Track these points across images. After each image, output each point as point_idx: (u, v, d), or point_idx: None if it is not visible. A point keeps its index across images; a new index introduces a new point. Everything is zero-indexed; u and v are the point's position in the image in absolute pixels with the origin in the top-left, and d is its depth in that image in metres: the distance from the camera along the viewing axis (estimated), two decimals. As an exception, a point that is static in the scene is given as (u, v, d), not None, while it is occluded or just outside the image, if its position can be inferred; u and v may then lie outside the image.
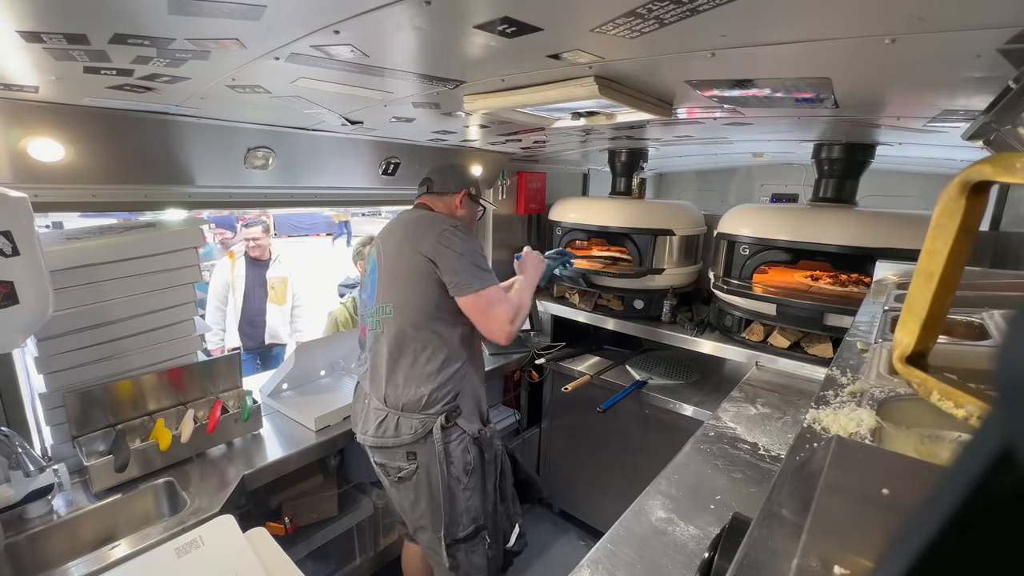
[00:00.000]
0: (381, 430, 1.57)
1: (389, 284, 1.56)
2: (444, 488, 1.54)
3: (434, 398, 1.53)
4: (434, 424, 1.52)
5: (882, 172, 2.49)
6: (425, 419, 1.53)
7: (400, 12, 0.78)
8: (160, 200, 1.71)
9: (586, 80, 1.12)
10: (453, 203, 1.70)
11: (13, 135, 1.31)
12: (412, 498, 1.60)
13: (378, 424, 1.57)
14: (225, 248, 3.51)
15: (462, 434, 1.57)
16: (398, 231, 1.61)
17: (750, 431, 1.55)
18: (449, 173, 1.74)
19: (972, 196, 0.53)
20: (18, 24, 0.81)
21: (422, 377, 1.53)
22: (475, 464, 1.59)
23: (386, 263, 1.59)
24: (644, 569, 1.02)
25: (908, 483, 0.42)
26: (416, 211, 1.69)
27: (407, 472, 1.57)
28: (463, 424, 1.57)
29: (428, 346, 1.53)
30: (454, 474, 1.56)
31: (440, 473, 1.53)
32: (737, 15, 0.75)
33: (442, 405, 1.54)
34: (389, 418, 1.55)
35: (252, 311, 3.28)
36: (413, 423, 1.53)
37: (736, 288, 2.08)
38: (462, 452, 1.57)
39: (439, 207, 1.70)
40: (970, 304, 1.00)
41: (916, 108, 1.28)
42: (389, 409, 1.56)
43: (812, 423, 0.63)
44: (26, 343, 1.41)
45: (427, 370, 1.53)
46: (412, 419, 1.53)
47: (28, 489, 1.30)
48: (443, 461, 1.53)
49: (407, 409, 1.54)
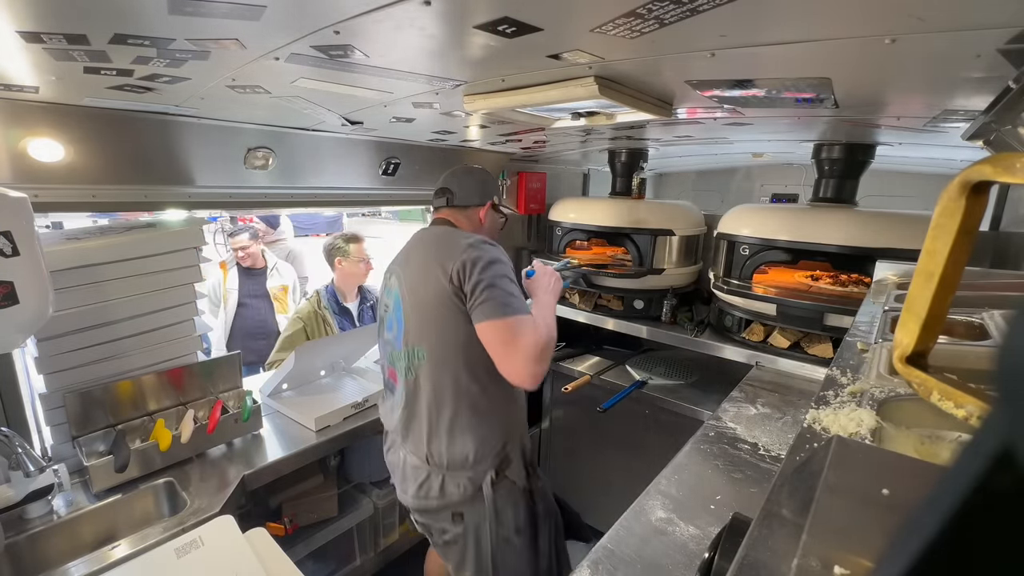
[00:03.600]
0: (423, 491, 1.38)
1: (418, 322, 1.34)
2: (493, 550, 1.37)
3: (483, 452, 1.34)
4: (484, 481, 1.33)
5: (882, 172, 2.49)
6: (474, 476, 1.34)
7: (400, 12, 0.78)
8: (160, 200, 1.70)
9: (586, 80, 1.12)
10: (477, 217, 1.51)
11: (13, 135, 1.31)
12: (458, 559, 1.43)
13: (419, 485, 1.38)
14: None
15: (512, 487, 1.38)
16: (419, 254, 1.40)
17: (750, 431, 1.55)
18: (470, 182, 1.53)
19: (972, 196, 0.53)
20: (18, 24, 0.81)
21: (470, 431, 1.33)
22: (527, 521, 1.40)
23: (410, 295, 1.37)
24: (644, 569, 1.02)
25: (908, 483, 0.42)
26: (437, 229, 1.48)
27: (452, 536, 1.40)
28: (513, 476, 1.37)
29: (473, 394, 1.32)
30: (504, 535, 1.37)
31: (490, 535, 1.35)
32: (737, 15, 0.75)
33: (492, 458, 1.35)
34: (432, 479, 1.36)
35: (252, 324, 3.07)
36: (461, 482, 1.34)
37: (736, 288, 2.08)
38: (513, 509, 1.37)
39: (463, 223, 1.50)
40: (970, 304, 1.00)
41: (916, 108, 1.28)
42: (432, 468, 1.36)
43: (812, 423, 0.63)
44: (26, 343, 1.41)
45: (474, 421, 1.33)
46: (460, 478, 1.34)
47: (28, 489, 1.30)
48: (493, 521, 1.34)
49: (453, 468, 1.34)
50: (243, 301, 3.09)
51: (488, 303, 1.23)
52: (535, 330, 1.24)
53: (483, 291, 1.23)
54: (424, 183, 2.50)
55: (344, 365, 2.23)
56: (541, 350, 1.23)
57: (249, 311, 3.10)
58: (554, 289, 1.52)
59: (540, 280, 1.53)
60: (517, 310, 1.24)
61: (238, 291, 3.08)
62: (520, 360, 1.22)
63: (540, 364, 1.23)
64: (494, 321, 1.23)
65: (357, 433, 1.90)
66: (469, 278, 1.25)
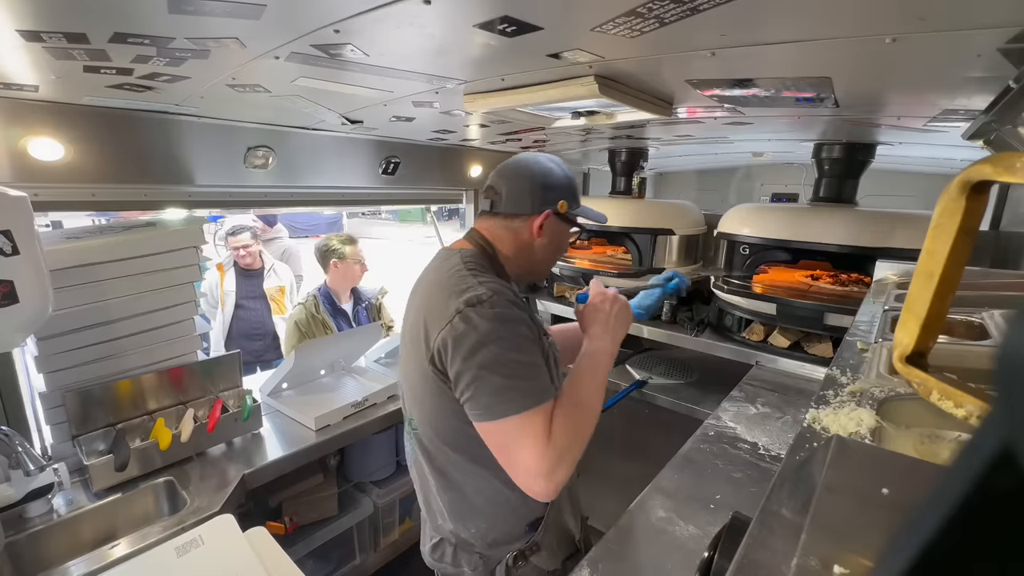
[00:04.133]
0: (437, 554, 1.19)
1: (409, 389, 1.09)
2: None
3: (496, 537, 1.09)
4: (499, 566, 1.10)
5: (882, 172, 2.49)
6: (488, 556, 1.11)
7: (400, 11, 0.78)
8: (160, 199, 1.71)
9: (586, 79, 1.12)
10: (528, 231, 1.10)
11: (13, 134, 1.31)
12: None
13: (433, 547, 1.20)
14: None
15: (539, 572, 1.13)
16: (417, 299, 1.09)
17: (750, 431, 1.55)
18: (524, 180, 1.10)
19: (972, 196, 0.53)
20: (18, 23, 0.81)
21: (475, 515, 1.09)
22: None
23: (403, 350, 1.11)
24: (644, 568, 1.02)
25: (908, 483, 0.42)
26: (450, 259, 1.07)
27: None
28: (539, 562, 1.11)
29: (478, 478, 1.05)
30: None
31: None
32: (737, 15, 0.75)
33: (511, 543, 1.10)
34: (444, 547, 1.17)
35: (249, 326, 3.09)
36: (473, 560, 1.12)
37: (736, 288, 2.08)
38: None
39: (505, 240, 1.12)
40: (970, 304, 1.00)
41: (916, 108, 1.28)
42: (444, 535, 1.17)
43: (812, 423, 0.63)
44: (26, 342, 1.41)
45: (480, 505, 1.07)
46: (471, 554, 1.12)
47: (28, 488, 1.30)
48: None
49: (463, 545, 1.13)
50: (240, 303, 3.10)
51: (474, 400, 0.92)
52: (539, 437, 0.89)
53: (469, 384, 0.92)
54: (424, 182, 2.50)
55: (344, 364, 2.23)
56: (551, 463, 0.89)
57: (246, 312, 3.11)
58: (617, 321, 1.13)
59: (595, 310, 1.15)
60: (516, 407, 0.90)
61: (235, 293, 3.09)
62: (522, 473, 0.91)
63: (552, 480, 0.90)
64: (483, 425, 0.93)
65: (357, 432, 1.90)
66: (451, 363, 0.94)
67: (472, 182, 2.70)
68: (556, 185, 1.11)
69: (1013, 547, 0.15)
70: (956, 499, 0.15)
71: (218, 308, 3.10)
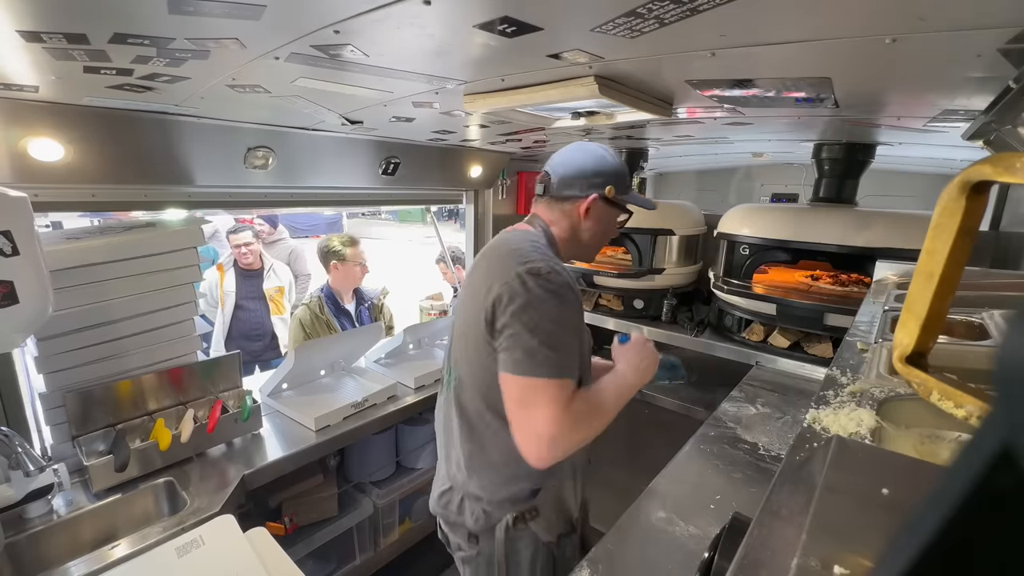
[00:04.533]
0: (444, 501, 1.27)
1: (460, 342, 1.18)
2: None
3: (501, 495, 1.17)
4: (499, 523, 1.18)
5: (882, 172, 2.49)
6: (491, 512, 1.19)
7: (400, 12, 0.78)
8: (160, 200, 1.71)
9: (586, 80, 1.12)
10: (576, 213, 1.20)
11: (13, 135, 1.31)
12: None
13: (440, 494, 1.28)
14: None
15: (535, 541, 1.20)
16: (481, 265, 1.18)
17: (750, 431, 1.55)
18: (574, 164, 1.19)
19: (972, 196, 0.53)
20: (18, 24, 0.81)
21: (490, 468, 1.17)
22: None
23: (462, 309, 1.19)
24: (644, 569, 1.02)
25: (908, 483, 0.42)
26: (515, 232, 1.20)
27: (467, 556, 1.28)
28: (537, 529, 1.19)
29: (497, 434, 1.13)
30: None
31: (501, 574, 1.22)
32: (737, 15, 0.75)
33: (513, 503, 1.17)
34: (453, 494, 1.24)
35: (248, 327, 3.09)
36: (476, 511, 1.20)
37: (736, 288, 2.08)
38: (531, 560, 1.21)
39: (558, 221, 1.21)
40: (970, 304, 1.00)
41: (916, 108, 1.28)
42: (454, 484, 1.24)
43: (812, 423, 0.63)
44: (26, 343, 1.41)
45: (495, 460, 1.15)
46: (476, 507, 1.20)
47: (28, 489, 1.30)
48: (503, 566, 1.20)
49: (470, 496, 1.21)
50: (240, 303, 3.11)
51: (508, 352, 1.02)
52: (562, 406, 0.98)
53: (509, 337, 1.02)
54: (424, 183, 2.50)
55: (344, 365, 2.23)
56: (554, 432, 0.97)
57: (246, 313, 3.12)
58: (643, 370, 1.20)
59: (629, 353, 1.23)
60: (543, 371, 0.99)
61: (235, 293, 3.10)
62: (527, 432, 1.00)
63: (550, 449, 0.99)
64: (508, 376, 1.02)
65: (357, 433, 1.90)
66: (501, 315, 1.03)
67: (472, 182, 2.69)
68: (604, 171, 1.19)
69: (1013, 547, 0.15)
70: (956, 499, 0.15)
71: (218, 308, 3.10)
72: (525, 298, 1.02)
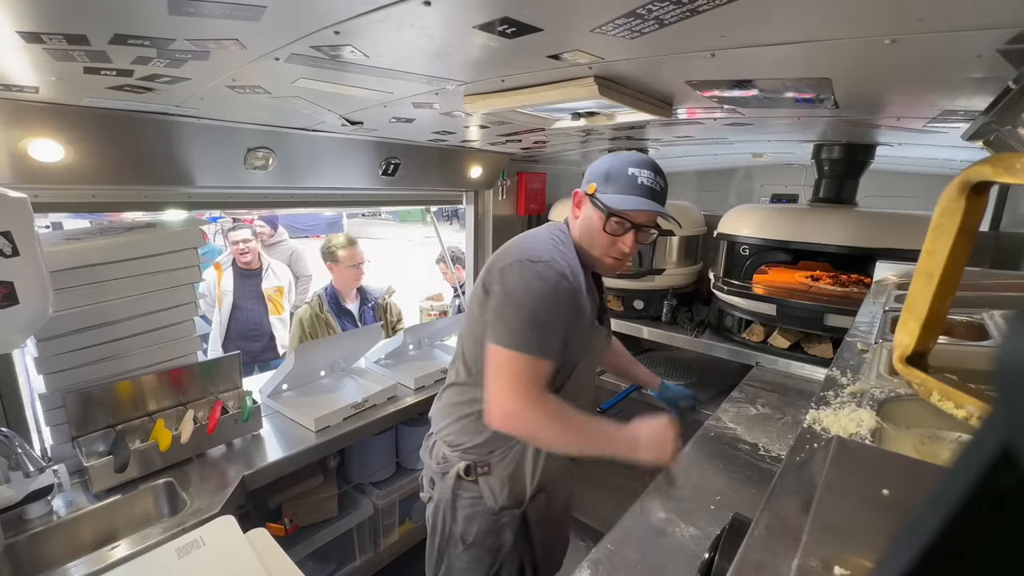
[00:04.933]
0: (427, 447, 1.41)
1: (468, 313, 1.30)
2: (440, 540, 1.35)
3: (459, 443, 1.29)
4: (452, 469, 1.29)
5: (882, 172, 2.49)
6: (449, 455, 1.31)
7: (400, 13, 0.78)
8: (160, 200, 1.71)
9: (586, 80, 1.12)
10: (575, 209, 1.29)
11: (13, 135, 1.31)
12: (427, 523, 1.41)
13: (426, 438, 1.43)
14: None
15: (478, 502, 1.29)
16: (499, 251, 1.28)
17: (750, 431, 1.55)
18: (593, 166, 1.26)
19: (972, 196, 0.53)
20: (18, 24, 0.81)
21: (449, 414, 1.31)
22: (476, 540, 1.30)
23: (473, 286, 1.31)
24: (644, 569, 1.01)
25: (908, 483, 0.42)
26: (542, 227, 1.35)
27: (426, 497, 1.40)
28: (484, 489, 1.28)
29: (465, 385, 1.28)
30: (453, 533, 1.32)
31: (442, 522, 1.33)
32: (737, 15, 0.75)
33: (466, 454, 1.28)
34: (432, 439, 1.38)
35: (246, 327, 3.07)
36: (438, 453, 1.33)
37: (736, 288, 2.08)
38: (468, 517, 1.30)
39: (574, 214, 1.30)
40: (970, 304, 1.00)
41: (916, 108, 1.28)
42: (433, 429, 1.38)
43: (812, 423, 0.63)
44: (26, 343, 1.41)
45: (464, 412, 1.28)
46: (441, 449, 1.32)
47: (28, 489, 1.30)
48: (447, 510, 1.30)
49: (440, 439, 1.34)
50: (238, 303, 3.09)
51: (492, 325, 1.14)
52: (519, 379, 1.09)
53: (494, 309, 1.14)
54: (424, 183, 2.50)
55: (344, 365, 2.23)
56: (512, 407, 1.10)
57: (244, 313, 3.09)
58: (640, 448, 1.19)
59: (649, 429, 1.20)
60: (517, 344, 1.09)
61: (233, 293, 3.08)
62: (492, 396, 1.13)
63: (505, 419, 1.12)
64: (491, 345, 1.13)
65: (357, 433, 1.90)
66: (493, 285, 1.16)
67: (472, 183, 2.69)
68: (596, 169, 1.24)
69: (1013, 548, 0.15)
70: (956, 500, 0.15)
71: (215, 307, 3.09)
72: (517, 280, 1.12)
